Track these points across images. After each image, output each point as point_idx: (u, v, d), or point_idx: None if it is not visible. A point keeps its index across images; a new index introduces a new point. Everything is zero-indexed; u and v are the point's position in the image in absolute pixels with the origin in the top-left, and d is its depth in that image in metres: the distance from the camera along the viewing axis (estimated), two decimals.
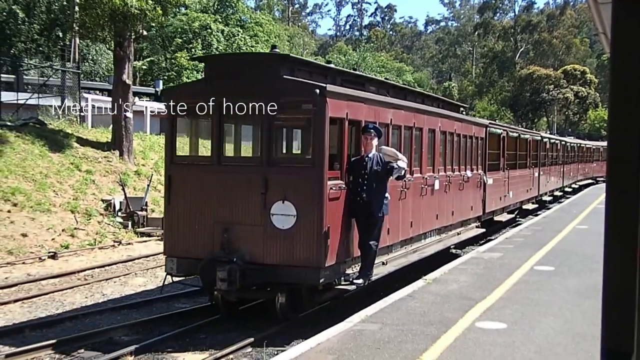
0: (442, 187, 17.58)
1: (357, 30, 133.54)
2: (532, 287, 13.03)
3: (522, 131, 29.34)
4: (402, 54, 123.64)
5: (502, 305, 11.36)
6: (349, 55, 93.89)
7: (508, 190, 25.01)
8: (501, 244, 19.40)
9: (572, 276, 14.14)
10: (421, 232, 16.32)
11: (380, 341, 9.22)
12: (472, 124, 20.64)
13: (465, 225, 20.37)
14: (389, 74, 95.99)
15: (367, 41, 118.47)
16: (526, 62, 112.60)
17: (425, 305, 11.46)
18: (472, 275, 14.36)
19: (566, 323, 10.26)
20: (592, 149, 57.50)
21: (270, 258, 11.75)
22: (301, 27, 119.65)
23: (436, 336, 9.41)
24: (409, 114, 15.30)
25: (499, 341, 9.18)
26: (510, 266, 15.28)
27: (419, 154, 16.09)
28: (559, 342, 9.18)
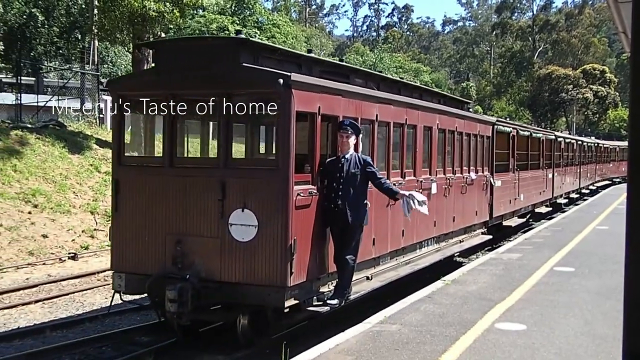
0: (440, 191, 15.67)
1: (374, 30, 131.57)
2: (552, 288, 12.74)
3: (534, 130, 27.24)
4: (419, 54, 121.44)
5: (522, 307, 11.12)
6: (366, 56, 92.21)
7: (518, 193, 23.00)
8: (520, 245, 18.89)
9: (593, 277, 13.83)
10: (415, 241, 14.43)
11: (399, 342, 9.03)
12: (477, 122, 18.67)
13: (469, 231, 18.42)
14: (406, 74, 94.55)
15: (384, 42, 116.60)
16: (545, 61, 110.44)
17: (444, 306, 11.22)
18: (491, 276, 14.04)
19: (587, 324, 10.02)
20: (609, 148, 55.02)
21: (229, 275, 9.99)
22: (318, 28, 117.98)
23: (455, 337, 9.21)
24: (400, 109, 13.41)
25: (519, 342, 8.99)
26: (529, 267, 14.91)
27: (412, 154, 14.20)
28: (579, 344, 8.98)
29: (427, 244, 15.35)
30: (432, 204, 14.80)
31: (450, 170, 16.58)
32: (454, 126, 16.56)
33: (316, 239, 10.42)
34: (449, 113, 16.25)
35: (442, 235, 16.27)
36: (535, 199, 26.32)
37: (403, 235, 13.66)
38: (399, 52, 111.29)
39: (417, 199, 10.86)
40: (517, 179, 22.86)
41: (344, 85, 11.34)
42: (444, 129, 15.92)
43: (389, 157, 12.93)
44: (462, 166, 17.37)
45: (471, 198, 18.09)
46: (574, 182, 36.47)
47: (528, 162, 25.04)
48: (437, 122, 15.38)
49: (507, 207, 22.01)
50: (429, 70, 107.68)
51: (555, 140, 29.94)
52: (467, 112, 18.38)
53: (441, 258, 15.71)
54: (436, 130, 15.36)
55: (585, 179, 41.06)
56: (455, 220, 16.89)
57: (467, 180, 17.55)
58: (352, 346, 8.89)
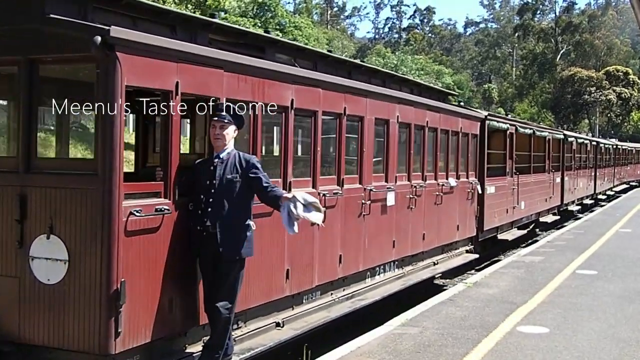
0: (402, 202, 11.87)
1: (395, 32, 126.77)
2: (574, 291, 12.32)
3: (538, 128, 22.98)
4: (441, 56, 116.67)
5: (544, 310, 10.80)
6: (387, 58, 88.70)
7: (518, 201, 18.98)
8: (542, 248, 18.12)
9: (616, 280, 13.33)
10: (362, 268, 10.67)
11: (420, 345, 8.76)
12: (459, 116, 14.72)
13: (448, 250, 14.55)
14: (428, 76, 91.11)
15: (405, 43, 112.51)
16: (567, 63, 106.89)
17: (465, 309, 10.84)
18: (513, 278, 13.51)
19: (610, 328, 9.70)
20: (629, 150, 50.19)
21: (30, 334, 6.38)
22: (340, 30, 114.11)
23: (477, 340, 8.96)
24: (335, 94, 9.65)
25: (541, 346, 8.74)
26: (551, 270, 14.39)
27: (358, 155, 10.45)
28: (602, 347, 8.70)
29: (383, 270, 11.56)
30: (388, 218, 11.07)
31: (419, 175, 12.75)
32: (423, 120, 12.71)
33: (173, 278, 6.75)
34: (416, 104, 12.39)
35: (408, 258, 12.46)
36: (539, 206, 22.16)
37: (341, 261, 9.90)
38: (420, 54, 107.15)
39: (302, 201, 6.93)
40: (516, 185, 18.83)
41: (225, 53, 7.57)
42: (407, 124, 12.10)
43: (314, 158, 9.18)
44: (437, 171, 13.50)
45: (450, 209, 14.21)
46: (588, 187, 31.99)
47: (531, 164, 20.92)
48: (396, 114, 11.56)
49: (503, 217, 18.02)
50: (451, 72, 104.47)
51: (565, 140, 25.67)
52: (445, 105, 14.41)
53: (403, 287, 11.89)
54: (395, 124, 11.55)
55: (602, 184, 36.44)
56: (427, 237, 13.03)
57: (444, 188, 13.69)
58: (373, 349, 8.55)
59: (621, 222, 24.46)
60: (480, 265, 17.38)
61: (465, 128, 14.88)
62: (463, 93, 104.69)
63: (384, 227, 11.26)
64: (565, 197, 26.03)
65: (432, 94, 14.86)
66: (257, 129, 7.94)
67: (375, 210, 10.88)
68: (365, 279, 10.99)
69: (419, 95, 13.83)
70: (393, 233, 11.58)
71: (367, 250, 10.71)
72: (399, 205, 11.71)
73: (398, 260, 12.02)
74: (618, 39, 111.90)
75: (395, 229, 11.68)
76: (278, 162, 8.64)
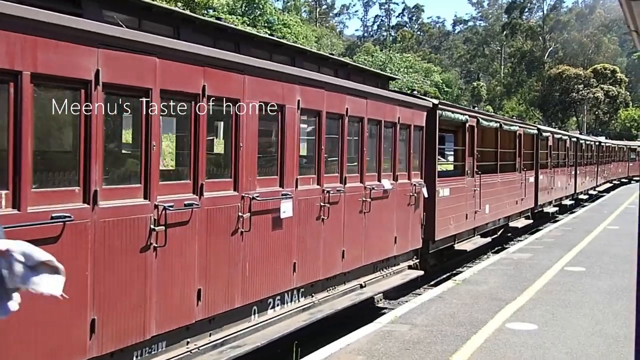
0: (308, 213, 8.93)
1: (384, 30, 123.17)
2: (562, 287, 12.01)
3: (507, 121, 19.80)
4: (429, 54, 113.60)
5: (533, 306, 10.48)
6: (376, 56, 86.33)
7: (480, 204, 15.98)
8: (531, 245, 17.78)
9: (604, 277, 13.09)
10: (242, 303, 7.71)
11: (409, 342, 8.46)
12: (397, 104, 11.71)
13: (383, 268, 11.59)
14: (417, 74, 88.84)
15: (394, 41, 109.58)
16: (555, 61, 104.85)
17: (454, 306, 10.52)
18: (502, 276, 13.24)
19: (598, 324, 9.44)
20: (613, 148, 47.08)
21: None
22: (329, 28, 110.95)
23: (466, 337, 8.68)
24: (194, 68, 6.70)
25: (530, 342, 8.48)
26: (540, 267, 14.12)
27: (230, 151, 7.52)
28: (590, 344, 8.47)
29: (280, 302, 8.60)
30: (284, 234, 8.14)
31: (336, 178, 9.79)
32: (341, 107, 9.74)
33: None
34: (330, 86, 9.41)
35: (320, 283, 9.50)
36: (509, 209, 19.12)
37: (200, 298, 6.94)
38: (409, 51, 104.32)
39: (22, 258, 3.73)
40: (478, 186, 15.82)
41: None
42: (316, 112, 9.15)
43: (146, 154, 6.24)
44: (364, 171, 10.52)
45: (384, 218, 11.24)
46: (568, 187, 28.89)
47: (497, 162, 17.87)
48: (297, 98, 8.60)
49: (462, 224, 15.03)
50: (440, 70, 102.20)
51: (539, 135, 22.60)
52: (379, 90, 11.35)
53: (310, 320, 8.94)
54: (296, 112, 8.59)
55: (583, 183, 33.32)
56: (348, 255, 10.06)
57: (374, 192, 10.72)
58: (363, 346, 8.31)
59: (609, 219, 23.98)
60: (436, 280, 14.46)
61: (405, 119, 11.88)
62: (452, 91, 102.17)
63: (277, 247, 8.31)
64: (540, 198, 22.95)
65: (365, 77, 11.89)
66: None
67: (261, 225, 7.94)
68: (250, 316, 8.04)
69: (346, 78, 10.89)
70: (293, 253, 8.63)
71: (249, 279, 7.77)
72: (301, 217, 8.77)
73: (304, 286, 9.07)
74: (606, 37, 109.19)
75: (298, 248, 8.73)
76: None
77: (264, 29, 57.67)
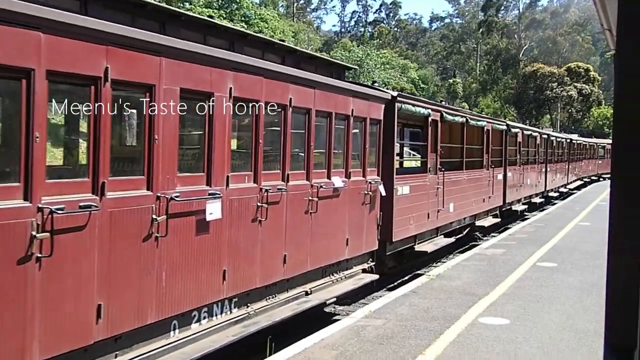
0: (242, 214, 7.90)
1: (361, 26, 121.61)
2: (534, 283, 12.03)
3: (474, 116, 18.64)
4: (406, 50, 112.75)
5: (505, 301, 10.52)
6: (353, 52, 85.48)
7: (443, 203, 14.99)
8: (504, 241, 17.77)
9: (575, 273, 13.12)
10: (158, 318, 6.67)
11: (383, 337, 8.44)
12: (351, 95, 10.67)
13: (333, 272, 10.58)
14: (394, 70, 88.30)
15: (371, 37, 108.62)
16: (530, 59, 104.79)
17: (428, 301, 10.52)
18: (475, 271, 13.16)
19: (569, 319, 9.50)
20: (584, 145, 46.35)
21: None
22: (306, 23, 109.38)
23: (439, 332, 8.70)
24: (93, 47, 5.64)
25: (502, 337, 8.53)
26: (513, 262, 14.14)
27: (143, 145, 6.48)
28: (561, 338, 8.50)
29: (207, 315, 7.56)
30: (212, 239, 7.14)
31: (277, 175, 8.76)
32: (284, 98, 8.70)
33: None
34: (270, 73, 8.34)
35: (257, 291, 8.46)
36: (475, 208, 18.16)
37: (100, 315, 5.89)
38: (386, 48, 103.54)
39: None
40: (441, 183, 14.83)
41: None
42: (253, 101, 8.10)
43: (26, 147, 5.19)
44: (311, 167, 9.48)
45: (334, 218, 10.22)
46: (538, 184, 28.03)
47: (463, 159, 16.91)
48: (228, 85, 7.55)
49: (424, 223, 14.03)
50: (416, 67, 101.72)
51: (507, 131, 21.64)
52: (330, 79, 10.28)
53: (243, 334, 7.92)
54: (227, 101, 7.54)
55: (554, 180, 32.46)
56: (291, 259, 9.03)
57: (323, 191, 9.68)
58: (337, 341, 8.26)
59: (580, 216, 24.15)
60: (396, 283, 13.50)
61: (360, 111, 10.86)
62: (428, 87, 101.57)
63: (202, 253, 7.26)
64: (509, 196, 22.05)
65: (317, 66, 10.85)
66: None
67: (182, 229, 6.90)
68: (169, 332, 7.00)
69: (295, 66, 9.85)
70: (223, 259, 7.60)
71: (166, 291, 6.73)
72: (234, 219, 7.73)
73: (237, 296, 8.04)
74: (580, 36, 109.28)
75: (229, 253, 7.69)
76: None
77: (241, 23, 56.52)
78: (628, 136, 2.32)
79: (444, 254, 16.99)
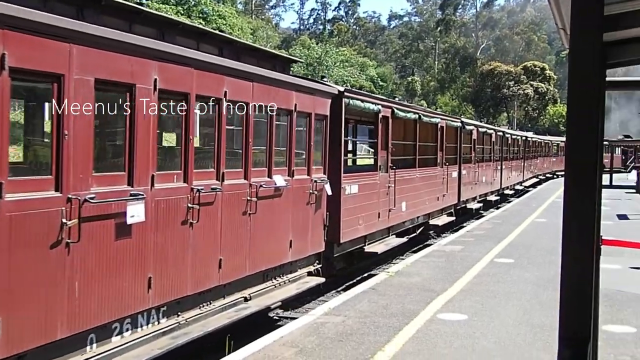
0: (169, 217, 7.26)
1: (320, 24, 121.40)
2: (492, 279, 12.09)
3: (427, 112, 18.15)
4: (365, 48, 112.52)
5: (463, 297, 10.56)
6: (312, 50, 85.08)
7: (395, 202, 14.53)
8: (462, 237, 17.83)
9: (531, 268, 13.14)
10: (71, 332, 6.01)
11: (342, 334, 8.43)
12: (294, 89, 10.06)
13: (276, 276, 9.98)
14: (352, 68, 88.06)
15: (330, 35, 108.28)
16: (487, 58, 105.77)
17: (387, 297, 10.50)
18: (434, 267, 13.18)
19: (525, 314, 9.55)
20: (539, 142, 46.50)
21: None
22: (264, 20, 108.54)
23: (398, 328, 8.70)
24: None
25: (460, 332, 8.55)
26: (471, 259, 14.12)
27: (52, 141, 5.81)
28: (518, 333, 8.58)
29: (129, 327, 6.91)
30: (133, 244, 6.48)
31: (211, 173, 8.13)
32: (217, 91, 8.07)
33: None
34: (201, 64, 7.71)
35: (189, 299, 7.83)
36: (429, 207, 17.77)
37: None
38: (345, 45, 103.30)
39: None
40: (392, 182, 14.37)
41: None
42: (182, 94, 7.47)
43: None
44: (249, 166, 8.86)
45: (276, 219, 9.63)
46: (493, 182, 27.84)
47: (416, 156, 16.46)
48: (153, 76, 6.90)
49: (374, 223, 13.54)
50: (375, 65, 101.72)
51: (462, 128, 21.32)
52: (270, 72, 9.67)
53: (171, 347, 7.28)
54: (151, 94, 6.89)
55: (509, 178, 32.34)
56: (227, 264, 8.41)
57: (263, 190, 9.09)
58: (297, 338, 8.20)
59: (537, 212, 24.19)
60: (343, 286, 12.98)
61: (304, 106, 10.29)
62: (387, 85, 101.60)
63: (123, 259, 6.61)
64: (464, 194, 21.72)
65: (259, 59, 10.23)
66: None
67: (98, 234, 6.24)
68: (86, 346, 6.34)
69: (235, 58, 9.22)
70: (147, 266, 6.95)
71: (80, 302, 6.07)
72: (160, 222, 7.10)
73: (165, 304, 7.40)
74: (536, 35, 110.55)
75: (155, 259, 7.06)
76: None
77: (199, 20, 55.57)
78: (581, 133, 2.37)
79: (397, 254, 16.55)
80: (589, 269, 2.41)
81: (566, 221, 2.41)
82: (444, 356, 7.66)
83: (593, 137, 2.40)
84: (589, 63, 2.37)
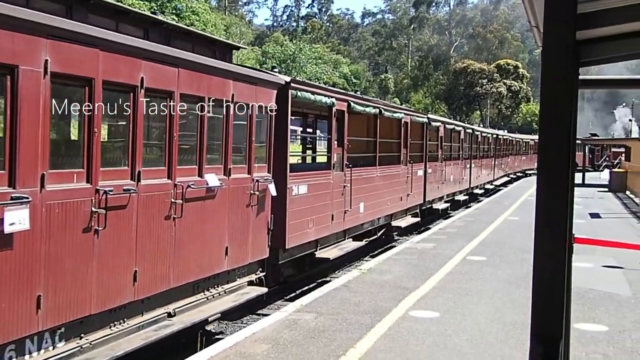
0: (68, 223, 6.14)
1: (294, 21, 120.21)
2: (464, 276, 12.01)
3: (389, 107, 16.96)
4: (338, 45, 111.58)
5: (435, 295, 10.52)
6: (286, 46, 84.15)
7: (351, 203, 13.47)
8: (435, 235, 17.78)
9: (504, 266, 13.05)
10: None
11: (315, 330, 8.42)
12: (231, 78, 8.93)
13: (209, 287, 8.87)
14: (326, 65, 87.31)
15: (304, 32, 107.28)
16: (461, 56, 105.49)
17: (360, 295, 10.42)
18: (406, 265, 13.03)
19: (497, 312, 9.52)
20: (510, 140, 45.74)
21: None
22: (238, 17, 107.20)
23: (370, 325, 8.67)
24: None
25: (432, 330, 8.54)
26: (443, 256, 14.04)
27: None
28: (490, 330, 8.57)
29: (14, 355, 5.78)
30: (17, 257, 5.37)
31: (123, 172, 7.01)
32: (132, 77, 6.94)
33: None
34: (108, 44, 6.59)
35: (93, 319, 6.70)
36: (391, 207, 16.72)
37: None
38: (318, 42, 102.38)
39: None
40: (348, 181, 13.30)
41: None
42: (84, 79, 6.34)
43: None
44: (174, 163, 7.75)
45: (208, 224, 8.51)
46: (462, 181, 26.91)
47: (376, 154, 15.38)
48: (43, 57, 5.77)
49: (326, 227, 12.43)
50: (348, 62, 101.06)
51: (428, 125, 20.33)
52: (202, 58, 8.56)
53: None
54: (41, 78, 5.76)
55: (479, 177, 31.45)
56: (144, 277, 7.27)
57: (190, 192, 7.97)
58: (269, 334, 8.17)
59: (509, 211, 24.03)
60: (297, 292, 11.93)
61: (243, 97, 9.17)
62: (360, 82, 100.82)
63: (3, 276, 5.49)
64: (430, 193, 20.73)
65: (195, 44, 9.11)
66: None
67: None
68: None
69: (165, 43, 8.11)
70: (36, 283, 5.83)
71: None
72: (53, 230, 5.97)
73: (62, 326, 6.27)
74: (509, 34, 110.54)
75: (47, 275, 5.93)
76: None
77: (172, 16, 54.40)
78: (553, 132, 2.43)
79: (360, 257, 15.56)
80: (561, 267, 2.47)
81: (538, 219, 2.44)
82: (416, 353, 7.53)
83: (565, 135, 2.44)
84: (562, 61, 2.41)
